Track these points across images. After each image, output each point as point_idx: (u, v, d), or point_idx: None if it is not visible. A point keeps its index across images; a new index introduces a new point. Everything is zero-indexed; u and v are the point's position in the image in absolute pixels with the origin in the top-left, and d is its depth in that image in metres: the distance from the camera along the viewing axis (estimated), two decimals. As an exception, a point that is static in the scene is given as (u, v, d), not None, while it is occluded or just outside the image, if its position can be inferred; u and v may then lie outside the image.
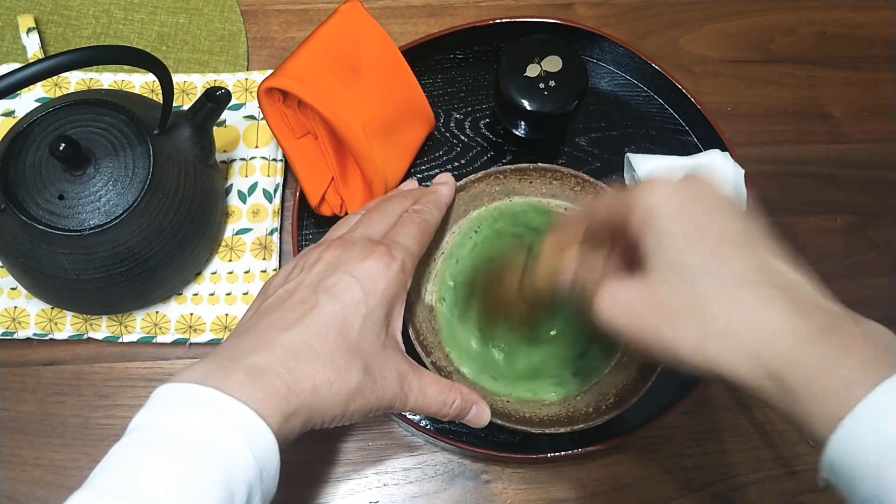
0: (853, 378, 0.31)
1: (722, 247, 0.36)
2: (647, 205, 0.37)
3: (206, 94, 0.51)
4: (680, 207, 0.37)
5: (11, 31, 0.63)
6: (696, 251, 0.36)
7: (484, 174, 0.55)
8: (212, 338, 0.56)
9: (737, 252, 0.36)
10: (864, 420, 0.31)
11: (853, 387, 0.31)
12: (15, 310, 0.55)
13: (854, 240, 0.62)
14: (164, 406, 0.36)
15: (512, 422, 0.49)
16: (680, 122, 0.63)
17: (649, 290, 0.37)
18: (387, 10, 0.66)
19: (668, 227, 0.37)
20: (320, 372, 0.39)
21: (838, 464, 0.32)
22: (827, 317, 0.34)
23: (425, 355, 0.51)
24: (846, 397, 0.31)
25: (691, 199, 0.37)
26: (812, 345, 0.33)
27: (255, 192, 0.59)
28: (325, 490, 0.54)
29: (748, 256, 0.35)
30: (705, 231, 0.36)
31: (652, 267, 0.37)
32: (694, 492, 0.55)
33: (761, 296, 0.34)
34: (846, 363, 0.32)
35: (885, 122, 0.66)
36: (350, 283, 0.42)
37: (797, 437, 0.50)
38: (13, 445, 0.53)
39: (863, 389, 0.31)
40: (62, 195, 0.48)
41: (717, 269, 0.35)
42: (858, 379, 0.31)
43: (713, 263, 0.35)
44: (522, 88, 0.54)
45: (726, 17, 0.68)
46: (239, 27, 0.64)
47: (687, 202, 0.37)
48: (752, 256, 0.36)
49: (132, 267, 0.50)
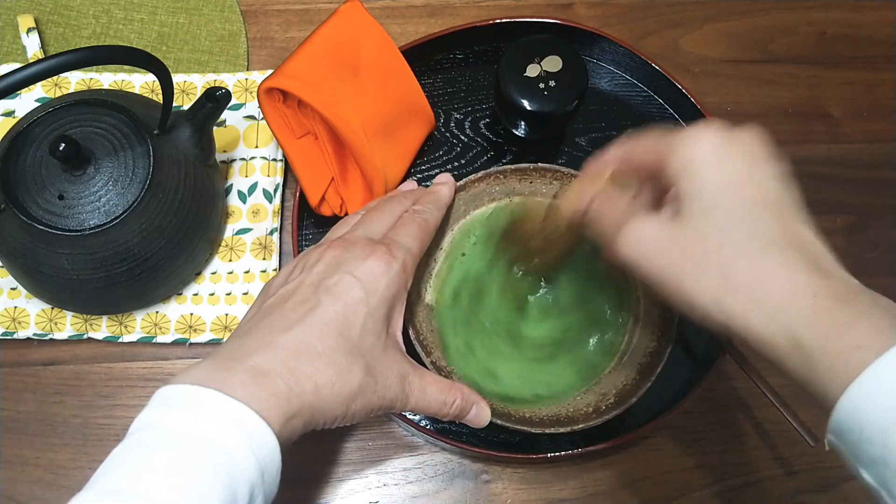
0: (867, 341, 0.32)
1: (756, 206, 0.36)
2: (691, 150, 0.38)
3: (206, 94, 0.51)
4: (723, 159, 0.37)
5: (11, 31, 0.62)
6: (730, 205, 0.36)
7: (484, 174, 0.55)
8: (212, 338, 0.56)
9: (769, 213, 0.36)
10: (875, 382, 0.31)
11: (866, 349, 0.32)
12: (15, 310, 0.55)
13: (854, 240, 0.62)
14: (165, 407, 0.36)
15: (512, 422, 0.49)
16: (680, 122, 0.63)
17: (678, 231, 0.37)
18: (387, 10, 0.66)
19: (708, 176, 0.37)
20: (322, 372, 0.39)
21: (846, 426, 0.32)
22: (845, 285, 0.34)
23: (425, 355, 0.51)
24: (859, 359, 0.32)
25: (735, 154, 0.37)
26: (830, 307, 0.33)
27: (255, 192, 0.59)
28: (325, 490, 0.54)
29: (780, 219, 0.36)
30: (743, 188, 0.37)
31: (684, 212, 0.37)
32: (694, 492, 0.55)
33: (787, 257, 0.35)
34: (862, 327, 0.32)
35: (885, 122, 0.65)
36: (351, 283, 0.42)
37: (797, 437, 0.50)
38: (13, 445, 0.53)
39: (875, 353, 0.31)
40: (62, 195, 0.48)
41: (747, 227, 0.36)
42: (873, 342, 0.32)
43: (745, 220, 0.36)
44: (522, 88, 0.54)
45: (726, 17, 0.68)
46: (239, 27, 0.64)
47: (730, 155, 0.37)
48: (782, 219, 0.36)
49: (132, 267, 0.50)
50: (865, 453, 0.32)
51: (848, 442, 0.32)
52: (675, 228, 0.38)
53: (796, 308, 0.34)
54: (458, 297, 0.55)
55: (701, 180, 0.37)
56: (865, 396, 0.31)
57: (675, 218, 0.38)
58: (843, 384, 0.32)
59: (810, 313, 0.34)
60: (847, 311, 0.33)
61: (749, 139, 0.38)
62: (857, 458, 0.32)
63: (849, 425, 0.32)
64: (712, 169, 0.37)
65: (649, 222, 0.39)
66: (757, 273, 0.35)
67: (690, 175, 0.37)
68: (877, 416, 0.31)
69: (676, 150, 0.38)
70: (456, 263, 0.55)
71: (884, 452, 0.31)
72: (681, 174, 0.38)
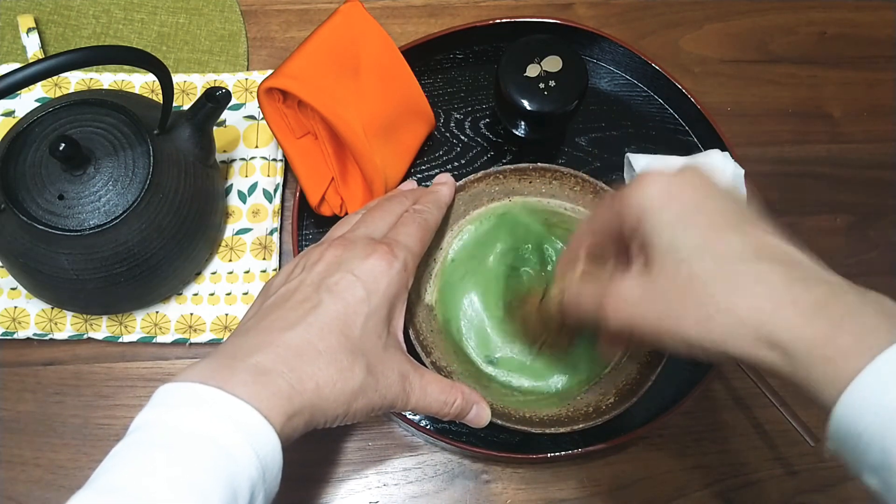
0: (855, 346, 0.32)
1: (716, 227, 0.36)
2: (640, 197, 0.38)
3: (206, 94, 0.51)
4: (672, 196, 0.38)
5: (11, 31, 0.62)
6: (690, 234, 0.36)
7: (484, 174, 0.55)
8: (212, 338, 0.56)
9: (731, 230, 0.36)
10: (867, 388, 0.31)
11: (856, 355, 0.31)
12: (15, 310, 0.55)
13: (854, 240, 0.62)
14: (166, 405, 0.36)
15: (512, 422, 0.49)
16: (680, 122, 0.63)
17: (650, 280, 0.38)
18: (387, 10, 0.66)
19: (661, 216, 0.37)
20: (323, 371, 0.39)
21: (844, 433, 0.32)
22: (826, 287, 0.34)
23: (425, 355, 0.51)
24: (849, 366, 0.31)
25: (683, 187, 0.38)
26: (813, 314, 0.33)
27: (255, 192, 0.59)
28: (325, 490, 0.54)
29: (743, 233, 0.36)
30: (698, 214, 0.37)
31: (651, 258, 0.38)
32: (694, 492, 0.55)
33: (759, 270, 0.35)
34: (848, 331, 0.32)
35: (885, 122, 0.66)
36: (352, 282, 0.42)
37: (797, 437, 0.50)
38: (13, 445, 0.53)
39: (865, 358, 0.31)
40: (62, 195, 0.48)
41: (712, 249, 0.36)
42: (860, 347, 0.31)
43: (708, 243, 0.36)
44: (522, 88, 0.54)
45: (726, 17, 0.68)
46: (239, 27, 0.64)
47: (679, 190, 0.38)
48: (746, 233, 0.36)
49: (132, 267, 0.50)
50: (866, 458, 0.31)
51: (848, 448, 0.32)
52: (648, 279, 0.38)
53: (779, 320, 0.34)
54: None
55: (657, 222, 0.37)
56: (860, 401, 0.31)
57: (645, 268, 0.38)
58: (836, 392, 0.32)
59: (793, 322, 0.33)
60: (831, 316, 0.33)
61: (691, 175, 0.38)
62: (859, 463, 0.32)
63: (847, 432, 0.32)
64: (664, 208, 0.37)
65: (625, 282, 0.39)
66: (732, 292, 0.35)
67: (646, 221, 0.38)
68: (872, 420, 0.31)
69: (628, 204, 0.39)
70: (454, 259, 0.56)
71: (883, 457, 0.31)
72: (638, 223, 0.38)
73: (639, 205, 0.38)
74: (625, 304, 0.39)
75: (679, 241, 0.36)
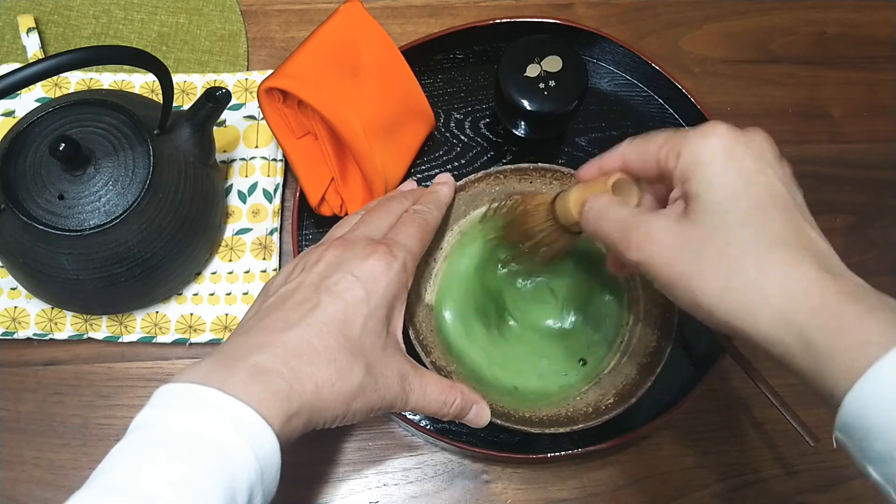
0: (875, 338, 0.32)
1: (764, 205, 0.36)
2: (700, 150, 0.38)
3: (206, 94, 0.51)
4: (734, 157, 0.37)
5: (11, 31, 0.62)
6: (738, 204, 0.36)
7: (484, 174, 0.55)
8: (212, 338, 0.56)
9: (777, 213, 0.36)
10: (882, 378, 0.31)
11: (874, 346, 0.32)
12: (15, 310, 0.55)
13: (854, 240, 0.62)
14: (165, 406, 0.36)
15: (512, 422, 0.49)
16: (680, 122, 0.63)
17: (686, 228, 0.37)
18: (387, 10, 0.66)
19: (717, 176, 0.37)
20: (322, 371, 0.39)
21: (853, 422, 0.32)
22: (852, 284, 0.35)
23: (425, 355, 0.51)
24: (867, 355, 0.32)
25: (744, 154, 0.37)
26: (838, 305, 0.33)
27: (255, 192, 0.59)
28: (325, 490, 0.54)
29: (786, 219, 0.36)
30: (751, 188, 0.37)
31: (692, 210, 0.37)
32: (694, 492, 0.55)
33: (794, 256, 0.35)
34: (869, 324, 0.33)
35: (885, 122, 0.66)
36: (352, 283, 0.42)
37: (797, 437, 0.50)
38: (13, 445, 0.53)
39: (882, 349, 0.31)
40: (62, 195, 0.48)
41: (754, 226, 0.36)
42: (880, 339, 0.32)
43: (752, 219, 0.36)
44: (522, 88, 0.54)
45: (726, 18, 0.68)
46: (239, 27, 0.64)
47: (742, 152, 0.37)
48: (789, 219, 0.36)
49: (132, 267, 0.50)
50: (872, 450, 0.32)
51: (855, 438, 0.32)
52: (684, 226, 0.38)
53: (804, 305, 0.34)
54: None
55: (710, 180, 0.37)
56: (872, 392, 0.31)
57: (682, 216, 0.38)
58: (850, 381, 0.32)
59: (819, 310, 0.34)
60: (855, 309, 0.33)
61: (757, 140, 0.38)
62: (865, 454, 0.32)
63: (856, 422, 0.32)
64: (722, 168, 0.37)
65: (658, 222, 0.39)
66: (764, 271, 0.35)
67: (700, 174, 0.37)
68: (883, 412, 0.31)
69: (685, 150, 0.38)
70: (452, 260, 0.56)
71: (890, 449, 0.31)
72: (689, 174, 0.38)
73: (699, 153, 0.38)
74: (651, 244, 0.38)
75: (725, 207, 0.36)
